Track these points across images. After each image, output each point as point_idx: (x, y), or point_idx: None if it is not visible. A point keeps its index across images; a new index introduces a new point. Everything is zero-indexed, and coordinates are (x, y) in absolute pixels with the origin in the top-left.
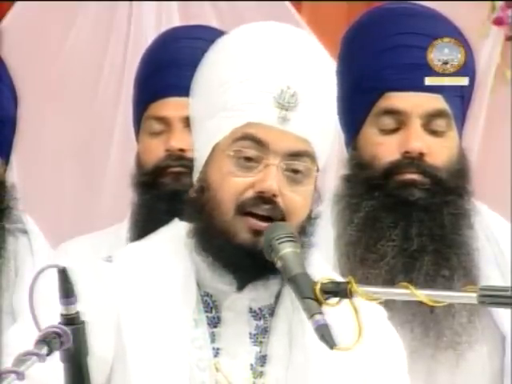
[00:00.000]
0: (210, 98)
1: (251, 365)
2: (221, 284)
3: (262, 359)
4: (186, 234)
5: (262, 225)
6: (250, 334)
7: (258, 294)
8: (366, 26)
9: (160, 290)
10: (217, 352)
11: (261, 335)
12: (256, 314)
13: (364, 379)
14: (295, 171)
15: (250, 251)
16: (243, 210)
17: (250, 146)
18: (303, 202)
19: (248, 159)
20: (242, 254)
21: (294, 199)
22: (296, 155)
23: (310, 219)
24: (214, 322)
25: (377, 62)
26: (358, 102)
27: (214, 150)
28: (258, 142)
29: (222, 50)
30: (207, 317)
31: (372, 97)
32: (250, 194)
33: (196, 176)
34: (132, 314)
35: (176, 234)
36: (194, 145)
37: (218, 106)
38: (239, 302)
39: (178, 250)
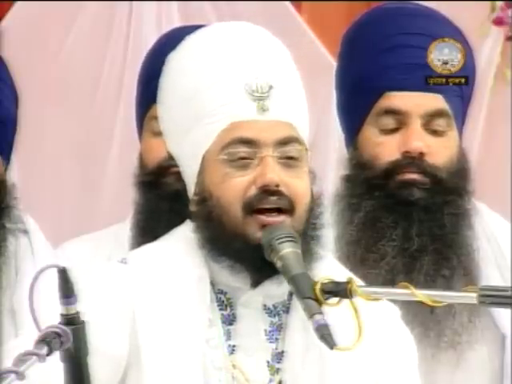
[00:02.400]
0: (186, 109)
1: (267, 361)
2: (235, 282)
3: (279, 356)
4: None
5: (273, 219)
6: (266, 330)
7: (272, 291)
8: (366, 25)
9: (174, 291)
10: (233, 349)
11: (277, 332)
12: (270, 310)
13: (377, 377)
14: (289, 158)
15: None
16: (251, 207)
17: (240, 147)
18: (304, 184)
19: (241, 158)
20: (260, 252)
21: (296, 184)
22: (285, 142)
23: (314, 200)
24: (230, 320)
25: (377, 62)
26: (358, 101)
27: (204, 158)
28: (247, 142)
29: (184, 57)
30: (222, 314)
31: (372, 96)
32: (253, 191)
33: (191, 189)
34: (147, 315)
35: (189, 234)
36: (178, 160)
37: (197, 115)
38: (253, 299)
39: (192, 250)
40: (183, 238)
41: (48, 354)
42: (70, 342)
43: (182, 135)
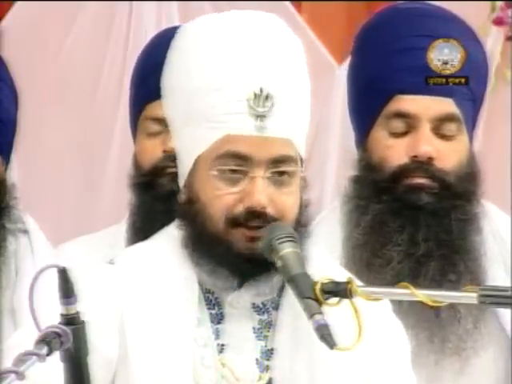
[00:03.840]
0: (186, 105)
1: (257, 359)
2: (222, 282)
3: (268, 353)
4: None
5: (257, 233)
6: (254, 328)
7: (260, 289)
8: (377, 26)
9: (162, 290)
10: (222, 348)
11: (265, 329)
12: (259, 308)
13: (368, 373)
14: (281, 173)
15: (250, 257)
16: (235, 223)
17: (232, 161)
18: (293, 201)
19: (233, 171)
20: (242, 260)
21: (285, 202)
22: (279, 161)
23: (302, 209)
24: (218, 319)
25: (388, 64)
26: (368, 103)
27: (196, 162)
28: (241, 157)
29: (190, 49)
30: (210, 314)
31: (382, 99)
32: (239, 208)
33: (182, 181)
34: (135, 315)
35: (177, 234)
36: (175, 147)
37: (197, 115)
38: (241, 298)
39: (179, 250)
40: (172, 238)
41: (48, 354)
42: (69, 342)
43: (179, 128)
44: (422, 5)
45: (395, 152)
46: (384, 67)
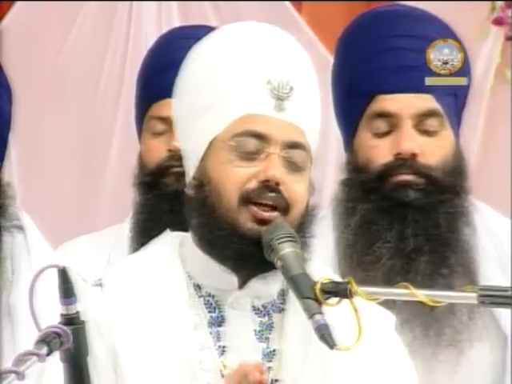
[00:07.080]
0: (201, 95)
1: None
2: (222, 283)
3: (270, 355)
4: (181, 240)
5: (267, 214)
6: (255, 330)
7: (260, 291)
8: (359, 28)
9: (152, 305)
10: (223, 350)
11: (266, 331)
12: (260, 311)
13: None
14: (294, 162)
15: (255, 240)
16: (247, 200)
17: (250, 139)
18: (303, 191)
19: (249, 150)
20: (247, 243)
21: (296, 188)
22: (293, 146)
23: (308, 210)
24: (219, 322)
25: (368, 65)
26: (351, 105)
27: (211, 144)
28: (258, 136)
29: (208, 48)
30: (211, 317)
31: (364, 100)
32: (253, 184)
33: (190, 175)
34: (125, 333)
35: (166, 243)
36: (181, 145)
37: (211, 102)
38: (241, 300)
39: (169, 259)
40: (161, 249)
41: (48, 354)
42: (69, 342)
43: (189, 121)
44: (405, 7)
45: (380, 151)
46: (364, 68)
